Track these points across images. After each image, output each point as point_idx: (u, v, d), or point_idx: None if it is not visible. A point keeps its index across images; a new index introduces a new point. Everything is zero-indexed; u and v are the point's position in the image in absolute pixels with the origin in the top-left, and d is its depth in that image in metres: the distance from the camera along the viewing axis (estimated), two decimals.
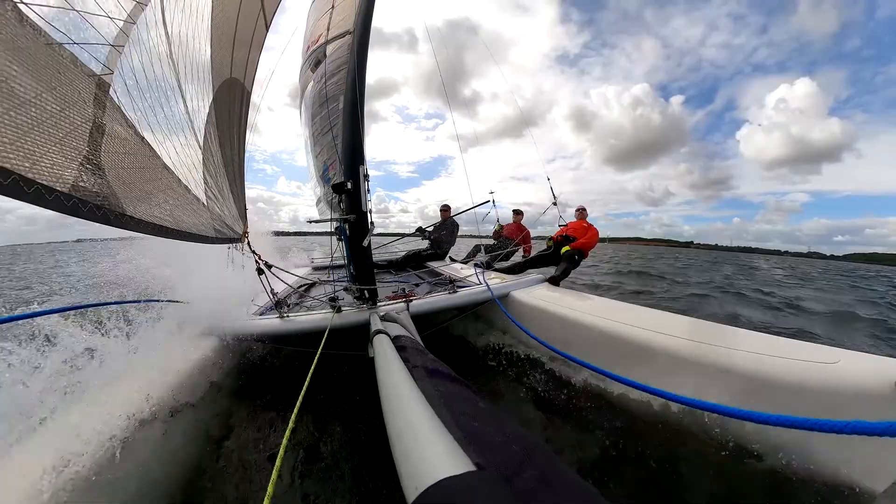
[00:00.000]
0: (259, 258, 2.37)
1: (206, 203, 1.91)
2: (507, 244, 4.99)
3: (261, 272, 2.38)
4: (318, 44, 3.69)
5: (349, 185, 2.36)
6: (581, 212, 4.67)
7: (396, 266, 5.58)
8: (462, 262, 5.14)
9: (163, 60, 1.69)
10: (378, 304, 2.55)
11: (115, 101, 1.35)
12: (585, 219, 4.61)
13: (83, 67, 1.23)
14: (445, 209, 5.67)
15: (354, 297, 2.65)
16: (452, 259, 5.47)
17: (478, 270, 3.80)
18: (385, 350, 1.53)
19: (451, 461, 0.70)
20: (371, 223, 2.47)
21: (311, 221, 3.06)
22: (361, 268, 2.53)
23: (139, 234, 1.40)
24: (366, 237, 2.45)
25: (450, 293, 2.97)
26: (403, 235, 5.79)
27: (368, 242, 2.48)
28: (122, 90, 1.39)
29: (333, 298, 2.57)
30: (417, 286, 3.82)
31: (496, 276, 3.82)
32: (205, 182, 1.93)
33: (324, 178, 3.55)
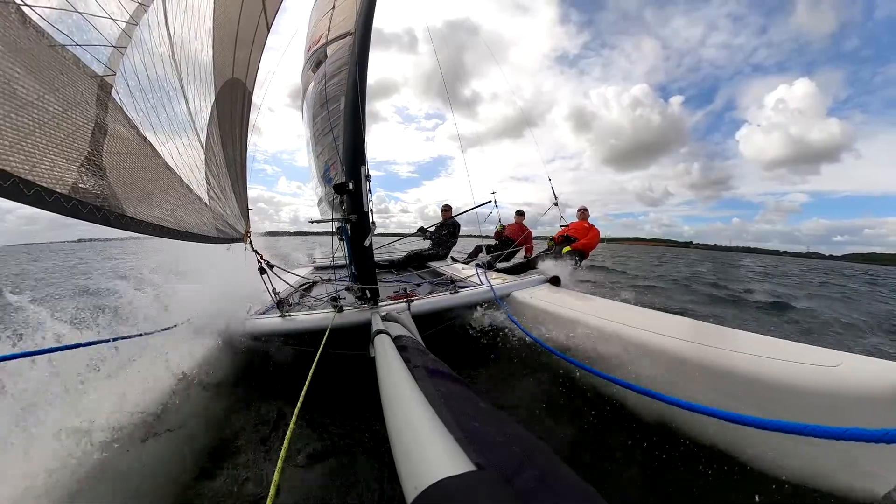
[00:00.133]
0: (261, 258, 2.38)
1: (209, 203, 1.92)
2: (509, 244, 4.99)
3: (263, 272, 2.39)
4: (319, 44, 3.70)
5: (351, 186, 2.37)
6: (583, 212, 4.66)
7: (398, 266, 5.58)
8: (464, 263, 5.14)
9: (165, 61, 1.70)
10: (379, 304, 2.55)
11: (118, 102, 1.36)
12: (587, 219, 4.60)
13: (85, 69, 1.23)
14: (446, 209, 5.67)
15: (356, 297, 2.66)
16: (454, 259, 5.47)
17: (479, 271, 3.80)
18: (386, 350, 1.53)
19: (451, 461, 0.70)
20: (373, 223, 2.47)
21: (313, 221, 3.07)
22: (363, 267, 2.54)
23: (140, 234, 1.40)
24: (367, 237, 2.45)
25: (451, 293, 2.97)
26: (405, 235, 5.79)
27: (370, 242, 2.49)
28: (125, 91, 1.40)
29: (335, 298, 2.57)
30: (419, 286, 3.82)
31: (498, 277, 3.82)
32: (207, 182, 1.94)
33: (325, 179, 3.56)
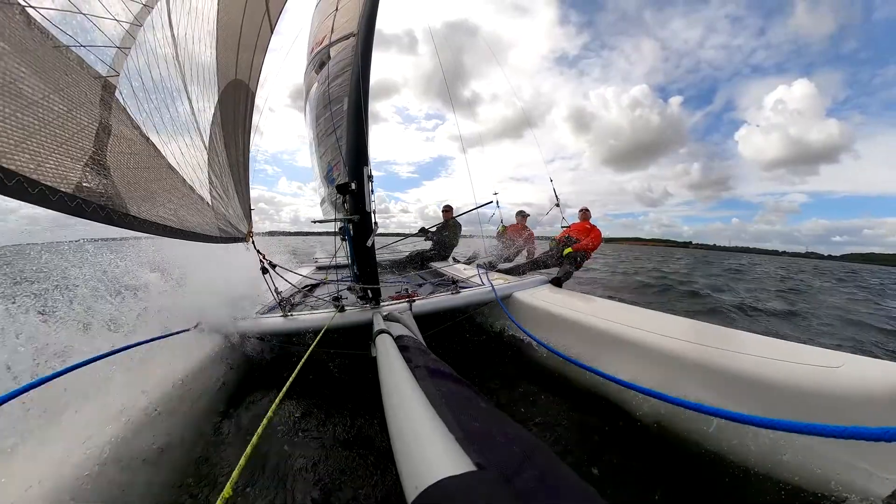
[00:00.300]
0: (263, 257, 2.38)
1: (211, 203, 1.93)
2: (511, 245, 4.99)
3: (265, 271, 2.39)
4: (322, 46, 3.71)
5: (353, 186, 2.38)
6: (584, 213, 4.64)
7: (400, 266, 5.59)
8: (465, 263, 5.14)
9: (169, 62, 1.71)
10: (381, 304, 2.55)
11: (121, 103, 1.37)
12: (589, 220, 4.59)
13: (89, 69, 1.24)
14: (447, 210, 5.67)
15: (358, 297, 2.66)
16: (456, 260, 5.47)
17: (481, 271, 3.80)
18: (387, 350, 1.54)
19: (452, 461, 0.70)
20: (375, 223, 2.48)
21: (316, 221, 3.08)
22: (365, 268, 2.54)
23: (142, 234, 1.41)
24: (369, 237, 2.46)
25: (452, 294, 2.98)
26: (407, 236, 5.79)
27: (372, 242, 2.49)
28: (128, 92, 1.41)
29: (337, 298, 2.58)
30: (420, 286, 3.82)
31: (499, 277, 3.82)
32: (209, 182, 1.95)
33: (328, 179, 3.56)
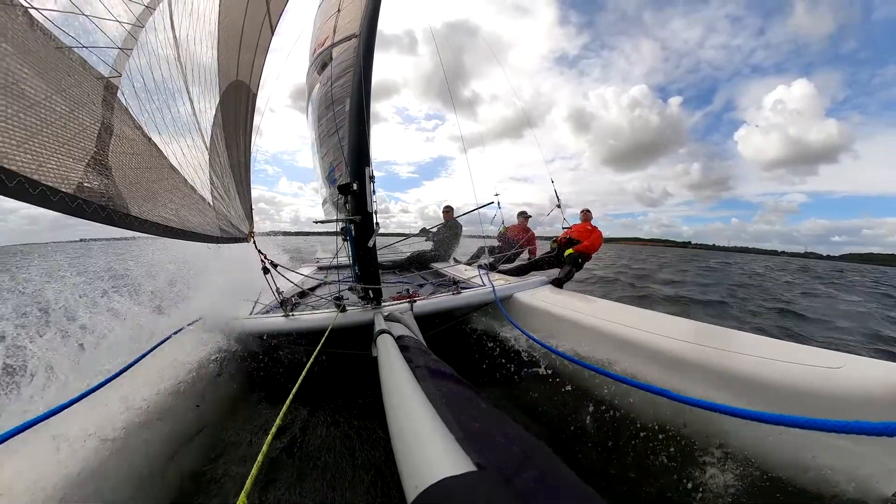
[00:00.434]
0: (265, 257, 2.39)
1: (212, 203, 1.93)
2: (512, 246, 4.98)
3: (266, 271, 2.40)
4: (325, 47, 3.72)
5: (355, 187, 2.38)
6: (585, 214, 4.64)
7: (401, 267, 5.59)
8: (466, 264, 5.14)
9: (170, 63, 1.71)
10: (382, 304, 2.55)
11: (123, 103, 1.37)
12: (590, 221, 4.59)
13: (92, 70, 1.25)
14: (447, 211, 5.67)
15: (359, 297, 2.66)
16: (457, 260, 5.48)
17: (482, 272, 3.80)
18: (388, 350, 1.54)
19: (452, 461, 0.70)
20: (376, 224, 2.48)
21: (317, 222, 3.08)
22: (366, 268, 2.54)
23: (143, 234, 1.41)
24: (371, 238, 2.46)
25: (453, 294, 2.98)
26: (408, 236, 5.80)
27: (373, 243, 2.50)
28: (130, 92, 1.41)
29: (338, 298, 2.58)
30: (421, 287, 3.83)
31: (500, 278, 3.81)
32: (211, 183, 1.95)
33: (330, 180, 3.57)
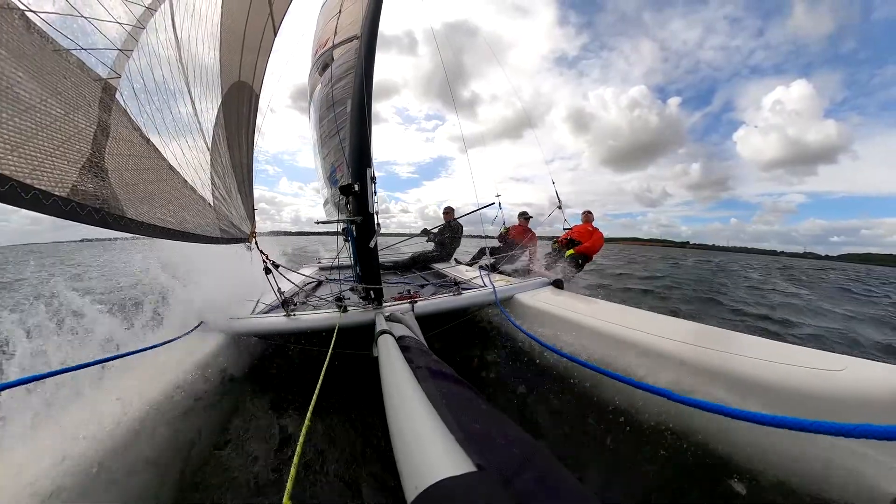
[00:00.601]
0: (266, 258, 2.40)
1: (213, 204, 1.93)
2: (513, 246, 4.99)
3: (268, 271, 2.40)
4: (326, 48, 3.74)
5: (356, 188, 2.39)
6: (586, 215, 4.64)
7: (402, 267, 5.60)
8: (467, 265, 5.14)
9: (172, 64, 1.72)
10: (383, 305, 2.56)
11: (122, 105, 1.37)
12: (591, 222, 4.59)
13: (90, 72, 1.24)
14: (448, 211, 5.67)
15: (360, 297, 2.67)
16: (458, 261, 5.48)
17: (483, 273, 3.80)
18: (389, 350, 1.54)
19: (452, 461, 0.70)
20: (378, 224, 2.49)
21: (319, 222, 3.10)
22: (368, 268, 2.55)
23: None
24: (372, 238, 2.47)
25: (454, 295, 2.98)
26: (409, 237, 5.81)
27: (375, 243, 2.50)
28: (129, 93, 1.41)
29: (339, 298, 2.59)
30: (422, 287, 3.83)
31: (501, 279, 3.82)
32: (212, 183, 1.95)
33: (331, 180, 3.58)
